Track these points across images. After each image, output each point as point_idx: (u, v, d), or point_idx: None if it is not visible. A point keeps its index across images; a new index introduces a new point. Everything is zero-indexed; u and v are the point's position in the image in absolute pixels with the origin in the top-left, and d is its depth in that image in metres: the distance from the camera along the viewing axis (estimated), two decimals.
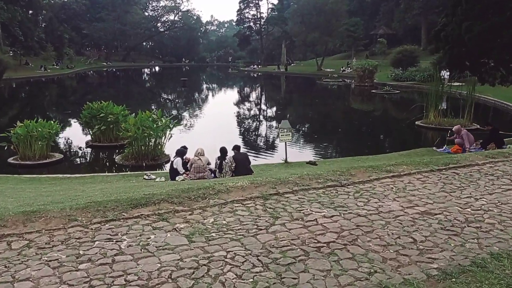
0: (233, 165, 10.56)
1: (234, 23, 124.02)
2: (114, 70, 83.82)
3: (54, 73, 59.69)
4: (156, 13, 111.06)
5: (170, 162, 10.86)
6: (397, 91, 37.02)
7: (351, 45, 63.34)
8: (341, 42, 66.26)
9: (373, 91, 37.91)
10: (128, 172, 12.34)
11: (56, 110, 30.99)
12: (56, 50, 69.61)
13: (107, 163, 14.69)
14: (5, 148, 13.61)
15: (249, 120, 26.15)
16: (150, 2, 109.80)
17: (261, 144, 18.27)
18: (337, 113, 28.37)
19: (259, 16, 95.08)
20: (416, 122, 19.90)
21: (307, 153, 15.53)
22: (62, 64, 67.08)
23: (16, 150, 13.96)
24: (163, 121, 14.90)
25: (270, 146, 17.37)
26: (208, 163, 10.41)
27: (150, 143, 14.35)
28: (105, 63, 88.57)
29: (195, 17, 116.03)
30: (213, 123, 23.41)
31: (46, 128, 14.25)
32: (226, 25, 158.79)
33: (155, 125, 14.31)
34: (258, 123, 24.46)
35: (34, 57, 64.81)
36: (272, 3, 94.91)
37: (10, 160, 13.85)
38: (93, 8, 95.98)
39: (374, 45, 65.94)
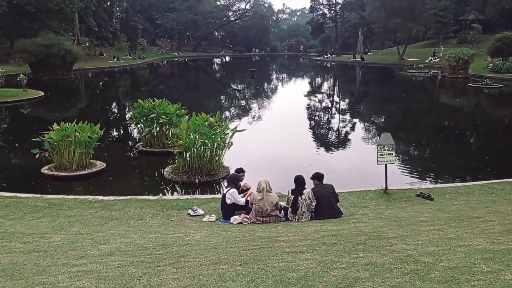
0: (313, 204, 7.28)
1: (306, 11, 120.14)
2: (185, 60, 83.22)
3: (127, 63, 59.56)
4: (227, 2, 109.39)
5: (222, 195, 7.79)
6: (500, 85, 31.40)
7: (439, 31, 56.65)
8: (426, 28, 59.70)
9: (470, 84, 32.49)
10: (172, 197, 9.49)
11: (122, 101, 29.53)
12: (130, 41, 69.91)
13: (154, 177, 12.01)
14: (37, 156, 11.37)
15: (327, 124, 21.65)
16: None
17: (347, 160, 13.89)
18: (433, 113, 23.69)
19: (334, 1, 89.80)
20: None
21: (407, 174, 11.79)
22: (135, 54, 67.09)
23: (51, 158, 11.70)
24: (223, 126, 11.91)
25: (358, 163, 13.32)
26: (276, 204, 7.20)
27: (206, 154, 11.43)
28: (176, 53, 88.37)
29: (266, 5, 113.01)
30: (282, 126, 19.58)
31: (86, 131, 11.81)
32: (298, 13, 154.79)
33: (212, 132, 11.36)
34: (339, 129, 19.74)
35: (109, 47, 65.39)
36: None
37: (44, 170, 11.61)
38: None
39: (464, 31, 58.78)
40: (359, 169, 12.53)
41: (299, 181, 7.39)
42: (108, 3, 71.35)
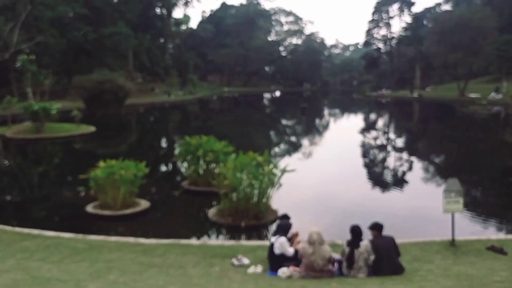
0: (372, 258, 6.41)
1: (360, 46, 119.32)
2: (235, 95, 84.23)
3: (177, 98, 61.05)
4: (279, 38, 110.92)
5: (270, 244, 7.08)
6: None
7: (502, 66, 54.01)
8: (487, 63, 57.11)
9: None
10: (216, 242, 8.90)
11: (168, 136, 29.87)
12: (181, 76, 71.82)
13: (198, 218, 11.49)
14: (82, 194, 11.25)
15: (384, 164, 19.85)
16: (274, 26, 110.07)
17: (407, 205, 12.50)
18: (500, 153, 21.84)
19: (389, 36, 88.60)
20: None
21: (473, 221, 10.56)
22: (185, 90, 68.71)
23: (96, 196, 11.52)
24: (271, 165, 11.28)
25: (420, 208, 11.98)
26: (329, 258, 6.39)
27: (253, 195, 10.79)
28: (226, 89, 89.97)
29: (318, 41, 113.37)
30: (335, 166, 18.39)
31: (131, 169, 11.57)
32: (351, 48, 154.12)
33: (260, 172, 10.76)
34: (397, 170, 18.16)
35: (160, 83, 67.50)
36: (406, 22, 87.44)
37: (89, 208, 11.42)
38: (219, 35, 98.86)
39: None
40: (420, 215, 11.38)
41: (356, 232, 6.56)
42: (162, 40, 74.11)
